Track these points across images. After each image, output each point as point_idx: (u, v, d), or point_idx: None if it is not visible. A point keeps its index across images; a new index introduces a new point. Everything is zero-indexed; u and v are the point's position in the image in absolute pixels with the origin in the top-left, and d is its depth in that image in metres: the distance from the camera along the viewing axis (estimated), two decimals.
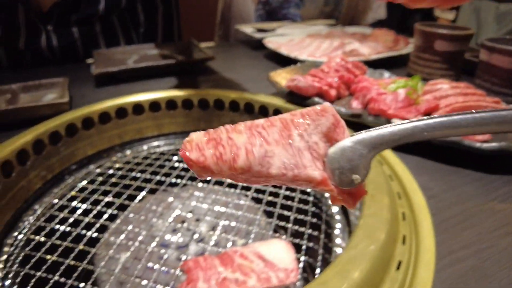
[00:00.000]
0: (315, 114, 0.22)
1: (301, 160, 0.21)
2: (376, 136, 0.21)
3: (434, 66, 0.81)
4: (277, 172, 0.21)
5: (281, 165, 0.21)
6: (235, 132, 0.22)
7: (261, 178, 0.21)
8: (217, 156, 0.21)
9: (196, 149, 0.21)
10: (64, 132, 0.59)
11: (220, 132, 0.22)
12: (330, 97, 0.63)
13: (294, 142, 0.21)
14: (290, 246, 0.44)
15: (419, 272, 0.35)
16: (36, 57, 1.04)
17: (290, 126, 0.22)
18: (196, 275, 0.37)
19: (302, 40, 1.09)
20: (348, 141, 0.22)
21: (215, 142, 0.21)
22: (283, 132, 0.22)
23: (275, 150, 0.21)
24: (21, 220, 0.51)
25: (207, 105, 0.71)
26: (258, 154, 0.21)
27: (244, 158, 0.21)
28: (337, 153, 0.22)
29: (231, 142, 0.21)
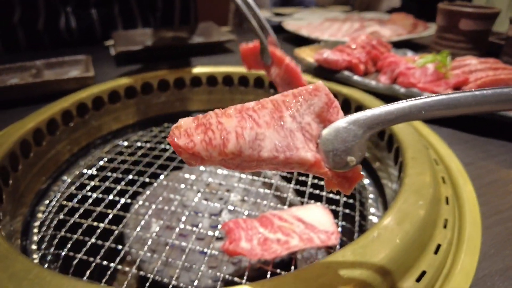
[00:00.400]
0: (308, 94, 0.21)
1: (293, 142, 0.20)
2: (372, 116, 0.20)
3: (458, 46, 0.80)
4: (269, 155, 0.20)
5: (272, 148, 0.20)
6: (225, 116, 0.21)
7: (252, 162, 0.20)
8: (206, 141, 0.20)
9: (184, 135, 0.20)
10: (91, 104, 0.59)
11: (210, 117, 0.21)
12: (359, 72, 0.62)
13: (285, 123, 0.21)
14: (327, 210, 0.43)
15: (466, 230, 0.35)
16: (54, 39, 1.04)
17: (281, 107, 0.21)
18: (238, 235, 0.37)
19: (321, 23, 1.08)
20: (343, 121, 0.21)
21: (204, 127, 0.20)
22: (274, 114, 0.21)
23: (266, 133, 0.20)
24: (51, 189, 0.50)
25: (231, 82, 0.70)
26: (248, 137, 0.20)
27: (234, 142, 0.20)
28: (331, 134, 0.21)
29: (221, 127, 0.20)
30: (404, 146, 0.43)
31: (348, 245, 0.28)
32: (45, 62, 0.73)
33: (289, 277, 0.25)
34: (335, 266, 0.26)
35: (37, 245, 0.40)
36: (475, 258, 0.32)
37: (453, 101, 0.20)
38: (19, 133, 0.47)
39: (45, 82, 0.62)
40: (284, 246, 0.36)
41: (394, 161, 0.46)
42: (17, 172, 0.45)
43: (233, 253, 0.34)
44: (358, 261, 0.27)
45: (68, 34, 1.03)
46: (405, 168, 0.38)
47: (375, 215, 0.45)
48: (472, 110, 0.20)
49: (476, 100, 0.19)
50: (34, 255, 0.39)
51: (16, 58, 0.80)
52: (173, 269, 0.42)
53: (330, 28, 1.04)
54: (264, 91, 0.69)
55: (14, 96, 0.62)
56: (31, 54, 0.94)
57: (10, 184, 0.43)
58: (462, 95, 0.19)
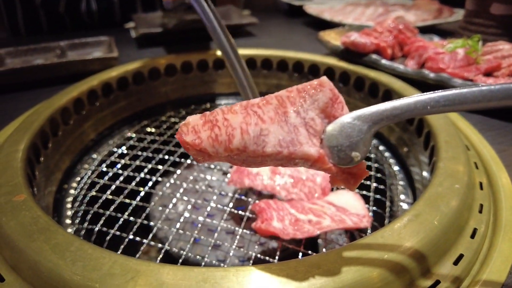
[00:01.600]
0: (312, 89, 0.22)
1: (297, 137, 0.21)
2: (377, 111, 0.20)
3: (488, 31, 0.78)
4: (273, 150, 0.20)
5: (276, 143, 0.20)
6: (231, 113, 0.21)
7: (257, 158, 0.21)
8: (213, 138, 0.21)
9: (192, 132, 0.21)
10: (115, 85, 0.59)
11: (216, 114, 0.22)
12: (387, 55, 0.61)
13: (290, 119, 0.21)
14: (358, 195, 0.43)
15: (503, 216, 0.34)
16: (75, 22, 1.04)
17: (286, 103, 0.21)
18: (269, 215, 0.37)
19: (343, 7, 1.06)
20: (347, 117, 0.21)
21: (211, 124, 0.21)
22: (278, 110, 0.21)
23: (270, 128, 0.21)
24: (81, 167, 0.51)
25: (254, 65, 0.70)
26: (253, 133, 0.20)
27: (239, 138, 0.20)
28: (335, 129, 0.21)
29: (227, 123, 0.21)
30: (436, 130, 0.42)
31: (386, 226, 0.28)
32: (68, 43, 0.73)
33: (331, 255, 0.25)
34: (375, 247, 0.26)
35: (71, 219, 0.41)
36: None
37: (460, 96, 0.20)
38: (48, 112, 0.47)
39: (70, 63, 0.63)
40: (316, 226, 0.36)
41: (424, 146, 0.46)
42: (47, 150, 0.46)
43: (265, 232, 0.35)
44: (395, 243, 0.27)
45: (88, 16, 1.03)
46: (438, 152, 0.38)
47: (405, 201, 0.44)
48: (479, 106, 0.20)
49: (482, 95, 0.19)
50: (68, 229, 0.40)
51: (38, 40, 0.81)
52: (202, 248, 0.42)
53: (353, 12, 1.02)
54: (287, 74, 0.68)
55: (40, 76, 0.63)
56: (52, 37, 0.95)
57: (41, 161, 0.44)
58: (468, 91, 0.20)
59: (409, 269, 0.26)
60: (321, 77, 0.22)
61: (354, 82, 0.60)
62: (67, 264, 0.25)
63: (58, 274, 0.24)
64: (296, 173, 0.46)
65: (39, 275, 0.25)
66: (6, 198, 0.31)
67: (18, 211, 0.30)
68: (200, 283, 0.23)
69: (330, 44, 0.66)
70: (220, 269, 0.24)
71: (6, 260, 0.28)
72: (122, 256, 0.26)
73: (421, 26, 0.90)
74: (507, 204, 0.36)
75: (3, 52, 0.67)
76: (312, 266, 0.24)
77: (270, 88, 0.70)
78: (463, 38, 0.63)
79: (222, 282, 0.23)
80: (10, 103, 0.61)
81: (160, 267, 0.24)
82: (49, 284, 0.25)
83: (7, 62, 0.67)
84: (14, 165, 0.36)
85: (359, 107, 0.59)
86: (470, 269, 0.29)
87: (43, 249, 0.26)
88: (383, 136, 0.55)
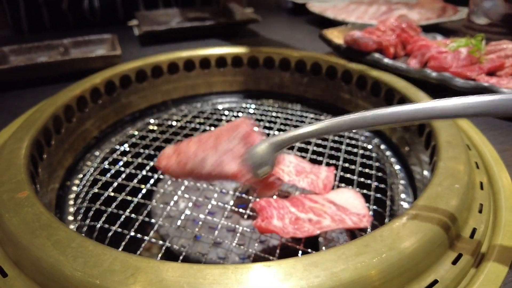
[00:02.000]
0: (236, 126, 0.29)
1: (224, 160, 0.27)
2: (280, 140, 0.27)
3: (492, 30, 0.77)
4: (208, 170, 0.28)
5: (210, 165, 0.27)
6: (190, 144, 0.30)
7: (202, 177, 0.28)
8: (178, 163, 0.29)
9: (165, 159, 0.31)
10: (118, 83, 0.60)
11: (183, 144, 0.30)
12: (389, 54, 0.61)
13: (222, 147, 0.28)
14: (359, 194, 0.43)
15: (502, 216, 0.34)
16: (77, 19, 1.04)
17: (221, 135, 0.29)
18: (270, 213, 0.37)
19: (346, 5, 1.06)
20: (260, 143, 0.27)
21: (178, 152, 0.30)
22: (216, 141, 0.29)
23: (208, 154, 0.28)
24: (84, 164, 0.52)
25: (256, 64, 0.70)
26: (197, 159, 0.28)
27: (191, 163, 0.28)
28: (250, 153, 0.27)
29: (186, 152, 0.29)
30: (437, 130, 0.42)
31: (385, 225, 0.28)
32: (72, 40, 0.74)
33: (329, 253, 0.25)
34: (373, 245, 0.26)
35: (73, 216, 0.42)
36: None
37: (354, 122, 0.27)
38: (51, 109, 0.47)
39: (74, 60, 0.63)
40: (316, 225, 0.36)
41: (425, 146, 0.46)
42: (50, 147, 0.46)
43: (265, 230, 0.35)
44: (393, 242, 0.27)
45: (91, 14, 1.03)
46: (439, 151, 0.38)
47: (405, 200, 0.45)
48: (385, 125, 0.27)
49: (390, 117, 0.26)
50: (70, 226, 0.40)
51: (41, 37, 0.81)
52: (202, 245, 0.43)
53: (356, 11, 1.02)
54: (290, 73, 0.68)
55: (44, 73, 0.63)
56: (55, 34, 0.95)
57: (44, 158, 0.44)
58: (369, 115, 0.27)
59: (407, 268, 0.26)
60: (242, 116, 0.29)
61: (356, 81, 0.60)
62: (68, 260, 0.25)
63: (60, 270, 0.25)
64: (300, 166, 0.47)
65: (41, 271, 0.26)
66: (9, 195, 0.32)
67: (21, 208, 0.30)
68: (199, 280, 0.23)
69: (332, 42, 0.66)
70: (219, 267, 0.24)
71: (9, 256, 0.28)
72: (123, 252, 0.26)
73: (425, 25, 0.90)
74: (507, 204, 0.36)
75: (7, 49, 0.68)
76: (310, 264, 0.25)
77: (272, 87, 0.70)
78: (466, 37, 0.63)
79: (221, 279, 0.23)
80: (14, 100, 0.61)
81: (160, 264, 0.24)
82: (51, 280, 0.25)
83: (11, 59, 0.68)
84: (17, 162, 0.36)
85: (362, 106, 0.60)
86: (469, 269, 0.29)
87: (45, 245, 0.27)
88: (385, 136, 0.55)
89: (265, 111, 0.65)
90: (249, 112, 0.65)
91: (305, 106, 0.68)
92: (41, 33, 1.03)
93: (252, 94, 0.71)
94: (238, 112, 0.64)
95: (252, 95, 0.71)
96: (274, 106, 0.68)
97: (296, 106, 0.68)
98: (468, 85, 0.53)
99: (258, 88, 0.71)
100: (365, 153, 0.52)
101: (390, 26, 0.68)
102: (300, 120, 0.62)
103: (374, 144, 0.55)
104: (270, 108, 0.67)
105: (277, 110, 0.66)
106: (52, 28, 1.04)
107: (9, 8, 1.01)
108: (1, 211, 0.30)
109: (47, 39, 0.76)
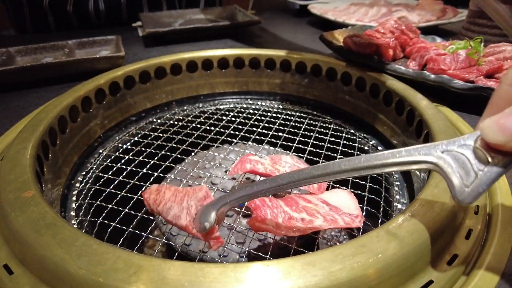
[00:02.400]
0: (196, 190, 0.35)
1: (181, 215, 0.34)
2: (220, 203, 0.31)
3: (491, 32, 0.78)
4: (170, 219, 0.34)
5: (172, 216, 0.34)
6: (168, 190, 0.37)
7: (167, 220, 0.35)
8: (154, 200, 0.37)
9: (148, 193, 0.38)
10: (122, 83, 0.61)
11: (164, 188, 0.37)
12: (388, 56, 0.61)
13: (182, 203, 0.34)
14: (352, 195, 0.44)
15: (498, 217, 0.35)
16: (82, 21, 1.05)
17: (185, 195, 0.35)
18: (264, 212, 0.37)
19: (347, 7, 1.07)
20: (206, 204, 0.33)
21: (157, 192, 0.37)
22: (183, 197, 0.35)
23: (174, 206, 0.35)
24: (88, 162, 0.53)
25: (258, 65, 0.70)
26: (166, 206, 0.35)
27: (161, 206, 0.36)
28: (199, 211, 0.33)
29: (162, 195, 0.37)
30: (435, 132, 0.43)
31: (382, 226, 0.29)
32: (76, 41, 0.75)
33: (326, 253, 0.26)
34: (370, 246, 0.27)
35: (75, 212, 0.42)
36: (509, 244, 0.32)
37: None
38: (57, 110, 0.48)
39: (78, 61, 0.64)
40: (308, 225, 0.37)
41: None
42: (56, 147, 0.47)
43: (258, 229, 0.36)
44: (392, 241, 0.27)
45: (96, 16, 1.04)
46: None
47: (400, 201, 0.45)
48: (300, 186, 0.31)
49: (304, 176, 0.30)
50: (72, 221, 0.41)
51: (45, 38, 0.82)
52: (203, 243, 0.43)
53: (357, 13, 1.02)
54: (290, 74, 0.69)
55: (49, 74, 0.64)
56: (58, 37, 0.96)
57: (49, 157, 0.45)
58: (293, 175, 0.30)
59: (402, 269, 0.27)
60: (201, 184, 0.36)
61: (355, 83, 0.61)
62: (72, 259, 0.26)
63: (64, 268, 0.25)
64: (295, 167, 0.47)
65: (46, 269, 0.26)
66: (15, 194, 0.32)
67: (27, 207, 0.31)
68: (200, 278, 0.24)
69: (333, 44, 0.67)
70: (219, 265, 0.25)
71: (15, 254, 0.29)
72: (126, 251, 0.27)
73: (424, 27, 0.90)
74: (503, 205, 0.36)
75: (13, 50, 0.69)
76: (308, 263, 0.25)
77: (273, 87, 0.71)
78: (465, 40, 0.64)
79: (221, 278, 0.24)
80: (20, 101, 0.62)
81: (162, 262, 0.25)
82: (56, 278, 0.26)
83: (18, 59, 0.69)
84: (23, 162, 0.37)
85: (361, 106, 0.60)
86: (464, 269, 0.30)
87: (50, 244, 0.27)
88: (383, 137, 0.56)
89: (265, 112, 0.65)
90: (250, 112, 0.66)
91: (305, 106, 0.68)
92: (46, 33, 1.04)
93: (253, 95, 0.72)
94: (238, 112, 0.65)
95: (253, 95, 0.72)
96: (274, 106, 0.69)
97: (296, 107, 0.69)
98: (466, 87, 0.54)
99: (259, 89, 0.72)
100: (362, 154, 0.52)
101: (389, 28, 0.68)
102: (299, 120, 0.63)
103: (370, 146, 0.56)
104: (270, 109, 0.67)
105: (277, 111, 0.67)
106: (57, 29, 1.06)
107: (13, 9, 1.03)
108: (8, 210, 0.31)
109: (52, 40, 0.77)
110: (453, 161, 0.25)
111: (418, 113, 0.48)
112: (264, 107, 0.68)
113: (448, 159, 0.26)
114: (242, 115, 0.63)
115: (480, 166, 0.24)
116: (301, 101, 0.69)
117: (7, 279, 0.28)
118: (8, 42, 0.96)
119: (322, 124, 0.61)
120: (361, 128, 0.61)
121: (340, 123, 0.63)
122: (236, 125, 0.60)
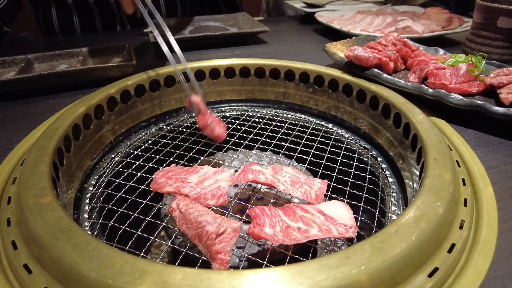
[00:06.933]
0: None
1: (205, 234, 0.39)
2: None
3: (493, 44, 0.79)
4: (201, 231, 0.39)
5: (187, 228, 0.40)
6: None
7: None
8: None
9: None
10: (133, 91, 0.64)
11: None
12: (389, 69, 0.63)
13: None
14: (348, 206, 0.46)
15: (482, 233, 0.37)
16: (106, 23, 1.10)
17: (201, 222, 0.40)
18: (262, 221, 0.40)
19: (353, 15, 1.08)
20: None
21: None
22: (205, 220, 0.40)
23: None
24: (100, 166, 0.56)
25: (263, 74, 0.73)
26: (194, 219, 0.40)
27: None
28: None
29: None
30: (427, 147, 0.45)
31: (367, 239, 0.31)
32: (90, 49, 0.78)
33: (314, 263, 0.28)
34: (354, 258, 0.29)
35: (88, 214, 0.46)
36: (488, 260, 0.34)
37: None
38: (71, 118, 0.52)
39: (92, 69, 0.67)
40: (304, 234, 0.39)
41: (417, 161, 0.48)
42: (70, 153, 0.50)
43: (257, 237, 0.38)
44: (374, 254, 0.30)
45: (119, 21, 1.08)
46: (427, 169, 0.41)
47: (395, 212, 0.47)
48: None
49: None
50: (85, 223, 0.44)
51: (71, 39, 0.86)
52: None
53: (362, 21, 1.04)
54: (294, 83, 0.71)
55: (65, 81, 0.68)
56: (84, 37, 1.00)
57: (64, 163, 0.48)
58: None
59: (384, 280, 0.29)
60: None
61: (356, 94, 0.63)
62: (84, 262, 0.29)
63: (77, 270, 0.29)
64: (295, 177, 0.50)
65: (61, 270, 0.29)
66: (34, 200, 0.36)
67: (44, 212, 0.34)
68: (197, 284, 0.27)
69: (335, 56, 0.69)
70: (215, 272, 0.28)
71: (33, 255, 0.32)
72: (132, 256, 0.30)
73: (428, 37, 0.92)
74: (488, 221, 0.38)
75: (32, 57, 0.73)
76: (296, 272, 0.28)
77: (277, 96, 0.74)
78: (464, 55, 0.65)
79: (216, 283, 0.27)
80: (38, 107, 0.66)
81: (164, 268, 0.28)
82: (69, 278, 0.29)
83: (35, 66, 0.73)
84: (41, 169, 0.40)
85: (361, 117, 0.62)
86: (444, 282, 0.32)
87: (65, 247, 0.30)
88: (382, 149, 0.58)
89: (269, 120, 0.68)
90: (255, 120, 0.68)
91: (308, 115, 0.71)
92: (71, 34, 1.09)
93: (259, 103, 0.74)
94: (244, 121, 0.68)
95: (260, 103, 0.74)
96: (279, 115, 0.71)
97: (299, 116, 0.71)
98: (463, 103, 0.55)
99: (265, 97, 0.74)
100: (359, 165, 0.54)
101: (391, 40, 0.70)
102: (302, 130, 0.65)
103: (369, 157, 0.58)
104: (275, 117, 0.70)
105: (281, 119, 0.69)
106: (82, 31, 1.10)
107: (42, 11, 1.07)
108: (27, 215, 0.34)
109: (68, 47, 0.80)
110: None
111: (413, 128, 0.50)
112: (269, 116, 0.71)
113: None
114: (247, 123, 0.66)
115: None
116: (304, 110, 0.72)
117: (26, 277, 0.31)
118: (26, 47, 1.01)
119: (324, 134, 0.64)
120: (362, 138, 0.63)
121: (341, 133, 0.65)
122: (241, 133, 0.62)
